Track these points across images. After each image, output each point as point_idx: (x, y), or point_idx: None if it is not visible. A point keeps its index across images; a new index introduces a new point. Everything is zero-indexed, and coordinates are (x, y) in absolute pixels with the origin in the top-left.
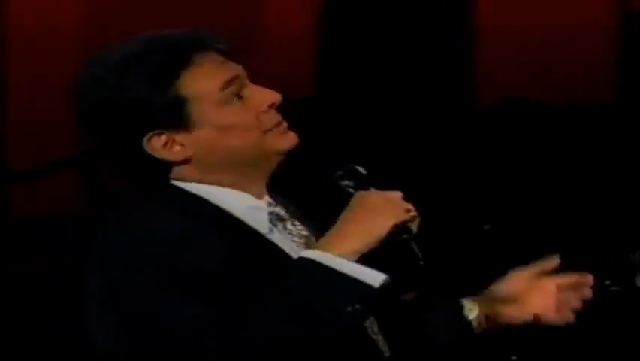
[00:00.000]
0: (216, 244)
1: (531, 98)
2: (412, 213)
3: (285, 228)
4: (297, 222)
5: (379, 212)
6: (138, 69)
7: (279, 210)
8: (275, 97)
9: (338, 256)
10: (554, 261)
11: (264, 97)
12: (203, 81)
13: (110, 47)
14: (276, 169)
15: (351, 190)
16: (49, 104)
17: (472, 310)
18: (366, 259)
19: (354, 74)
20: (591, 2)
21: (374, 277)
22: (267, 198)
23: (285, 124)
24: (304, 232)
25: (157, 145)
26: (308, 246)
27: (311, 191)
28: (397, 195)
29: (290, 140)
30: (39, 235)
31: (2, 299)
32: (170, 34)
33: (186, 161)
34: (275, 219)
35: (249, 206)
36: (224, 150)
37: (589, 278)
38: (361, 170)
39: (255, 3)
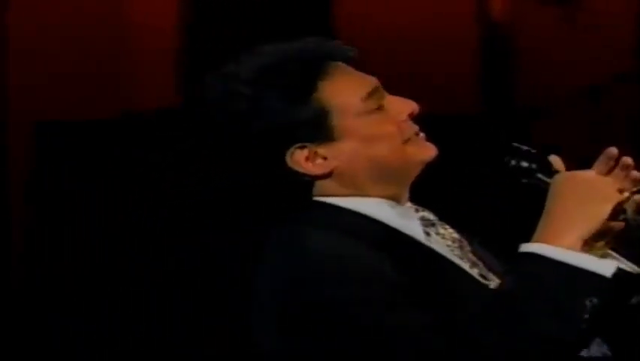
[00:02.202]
0: (383, 256)
1: None
2: (627, 194)
3: (438, 232)
4: (447, 226)
5: (596, 195)
6: (275, 81)
7: (428, 215)
8: (413, 106)
9: (566, 248)
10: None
11: (403, 106)
12: (345, 92)
13: (234, 60)
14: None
15: (540, 176)
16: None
17: None
18: None
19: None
20: (450, 14)
21: (605, 267)
22: (410, 204)
23: (423, 134)
24: (455, 235)
25: (300, 159)
26: (462, 249)
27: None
28: (598, 175)
29: (432, 151)
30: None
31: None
32: (299, 45)
33: (328, 175)
34: (426, 224)
35: (399, 214)
36: (368, 160)
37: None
38: (532, 150)
39: (120, 2)
